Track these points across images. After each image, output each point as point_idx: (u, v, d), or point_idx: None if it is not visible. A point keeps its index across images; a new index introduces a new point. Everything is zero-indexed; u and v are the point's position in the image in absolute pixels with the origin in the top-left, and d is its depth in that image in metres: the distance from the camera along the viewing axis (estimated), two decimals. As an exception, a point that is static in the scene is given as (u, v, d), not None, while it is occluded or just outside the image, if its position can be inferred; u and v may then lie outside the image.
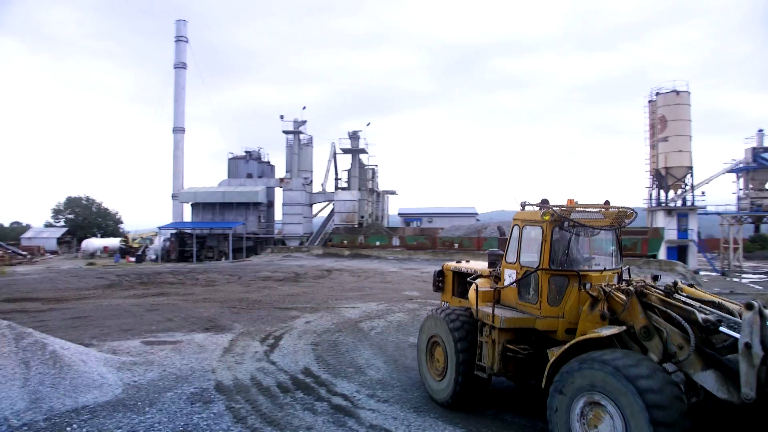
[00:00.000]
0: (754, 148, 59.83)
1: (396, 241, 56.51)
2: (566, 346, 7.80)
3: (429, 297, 23.97)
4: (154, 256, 66.44)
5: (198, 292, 26.56)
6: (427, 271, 37.76)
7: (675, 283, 8.20)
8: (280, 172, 74.15)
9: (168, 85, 74.55)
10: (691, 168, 58.20)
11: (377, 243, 56.79)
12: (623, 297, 7.96)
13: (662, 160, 57.96)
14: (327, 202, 70.72)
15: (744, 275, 52.57)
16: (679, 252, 54.33)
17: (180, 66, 72.14)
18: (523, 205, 9.46)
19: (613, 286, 8.46)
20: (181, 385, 11.33)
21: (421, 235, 59.37)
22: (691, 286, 8.50)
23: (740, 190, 61.64)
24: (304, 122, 70.77)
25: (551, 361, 7.92)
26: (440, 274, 12.79)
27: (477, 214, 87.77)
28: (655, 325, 7.42)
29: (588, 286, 8.41)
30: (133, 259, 64.64)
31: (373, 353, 14.24)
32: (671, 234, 54.14)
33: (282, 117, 70.52)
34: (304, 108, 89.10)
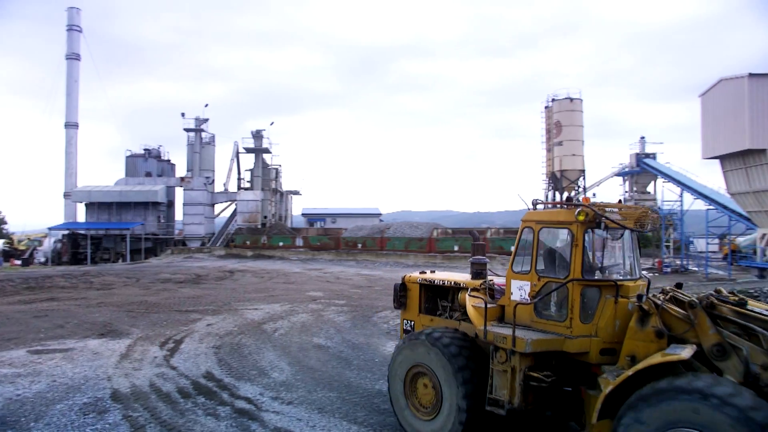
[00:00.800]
0: (637, 154, 63.98)
1: (299, 242, 56.20)
2: (631, 371, 6.35)
3: (332, 297, 24.03)
4: (43, 259, 62.72)
5: (92, 296, 25.32)
6: (331, 272, 37.81)
7: (718, 291, 7.05)
8: (181, 171, 72.13)
9: (60, 77, 70.35)
10: (583, 171, 61.53)
11: (280, 243, 56.25)
12: (678, 310, 6.87)
13: (557, 163, 60.91)
14: (229, 202, 69.35)
15: (629, 272, 56.01)
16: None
17: (73, 57, 68.29)
18: (535, 203, 8.31)
19: (663, 297, 7.33)
20: (73, 395, 10.77)
21: (325, 236, 59.36)
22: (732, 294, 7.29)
23: (626, 192, 65.78)
24: (206, 120, 69.11)
25: (607, 390, 6.43)
26: (402, 288, 10.59)
27: (380, 214, 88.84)
28: (730, 342, 6.34)
29: (642, 298, 7.13)
30: (18, 262, 60.70)
31: (276, 355, 14.13)
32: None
33: (183, 114, 68.61)
34: (207, 106, 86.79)
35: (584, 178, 61.99)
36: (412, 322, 10.33)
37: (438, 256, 44.56)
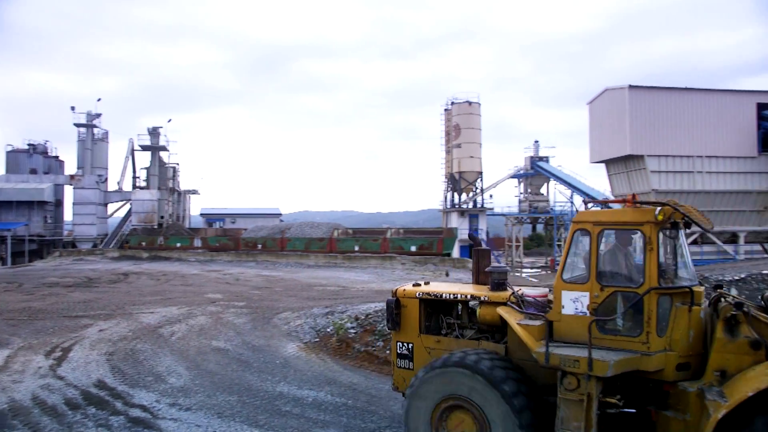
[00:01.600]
0: (531, 157, 66.94)
1: (198, 242, 54.69)
2: (750, 392, 5.65)
3: (232, 299, 23.58)
4: None
5: (-32, 303, 23.55)
6: (230, 273, 37.08)
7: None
8: (71, 168, 68.12)
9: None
10: (481, 173, 63.54)
11: (178, 244, 54.52)
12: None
13: (456, 165, 62.58)
14: (124, 202, 66.37)
15: (524, 270, 58.57)
16: (470, 250, 58.94)
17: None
18: (586, 202, 7.60)
19: (749, 304, 6.74)
20: (-54, 411, 10.02)
21: (224, 236, 58.10)
22: None
23: (521, 194, 68.63)
24: (98, 115, 65.70)
25: (720, 414, 5.74)
26: (397, 305, 8.81)
27: (281, 214, 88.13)
28: None
29: (743, 306, 6.42)
30: None
31: (174, 360, 13.73)
32: (464, 233, 58.52)
33: (73, 108, 64.82)
34: (99, 100, 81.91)
35: (482, 180, 64.09)
36: (411, 345, 8.65)
37: (339, 256, 44.63)
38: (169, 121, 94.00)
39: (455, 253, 49.06)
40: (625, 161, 40.07)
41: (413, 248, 44.50)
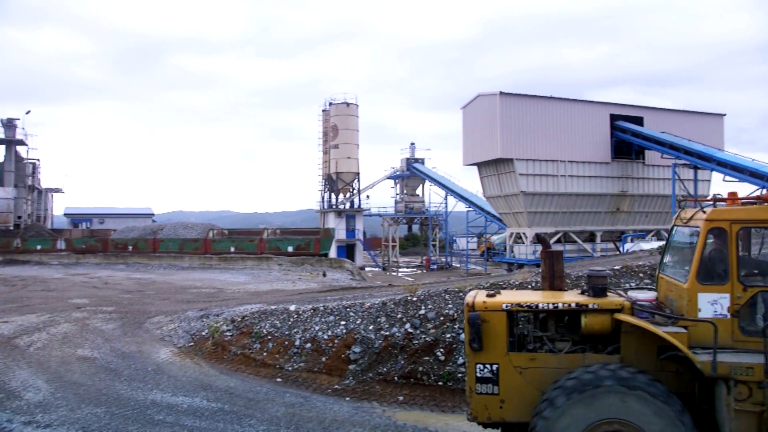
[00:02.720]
0: (407, 159, 68.52)
1: (61, 244, 51.25)
2: None
3: (100, 304, 22.29)
4: None
5: None
6: (98, 276, 35.11)
7: None
8: None
9: None
10: (358, 174, 64.23)
11: (38, 247, 50.77)
12: None
13: (333, 166, 62.90)
14: (-28, 201, 60.93)
15: (400, 269, 59.88)
16: (348, 250, 59.56)
17: None
18: (716, 200, 7.09)
19: None
20: None
21: (91, 237, 54.89)
22: None
23: (397, 194, 70.05)
24: (-60, 105, 59.89)
25: None
26: (476, 321, 7.32)
27: (153, 214, 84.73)
28: None
29: None
30: None
31: (32, 372, 12.77)
32: (341, 234, 58.94)
33: None
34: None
35: (359, 181, 64.81)
36: (495, 366, 7.31)
37: (214, 257, 43.49)
38: (28, 112, 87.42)
39: (332, 253, 49.31)
40: (496, 164, 42.00)
41: (290, 249, 44.28)
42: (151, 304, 22.49)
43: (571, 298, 7.60)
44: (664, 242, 9.65)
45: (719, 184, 36.42)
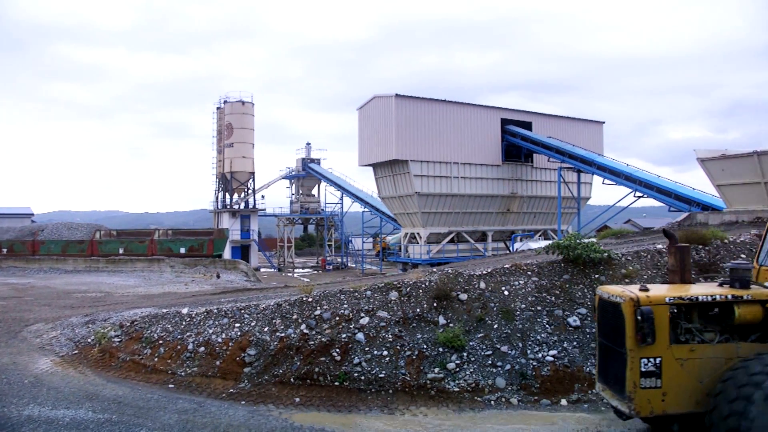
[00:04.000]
0: (303, 159, 68.20)
1: None
2: None
3: (-30, 312, 20.63)
4: None
5: None
6: (-32, 282, 32.47)
7: None
8: None
9: None
10: (253, 173, 63.29)
11: None
12: None
13: (228, 165, 61.61)
14: None
15: (296, 270, 59.49)
16: (243, 251, 58.49)
17: None
18: None
19: None
20: None
21: (-41, 240, 50.77)
22: None
23: (292, 194, 69.57)
24: None
25: None
26: (650, 316, 7.37)
27: (33, 214, 79.54)
28: None
29: None
30: None
31: None
32: (235, 234, 57.82)
33: None
34: None
35: (254, 180, 63.83)
36: (658, 359, 7.43)
37: (101, 260, 41.42)
38: None
39: (227, 254, 48.30)
40: (391, 165, 42.61)
41: (183, 250, 43.03)
42: (29, 310, 21.08)
43: (723, 290, 7.85)
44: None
45: (599, 187, 39.00)
